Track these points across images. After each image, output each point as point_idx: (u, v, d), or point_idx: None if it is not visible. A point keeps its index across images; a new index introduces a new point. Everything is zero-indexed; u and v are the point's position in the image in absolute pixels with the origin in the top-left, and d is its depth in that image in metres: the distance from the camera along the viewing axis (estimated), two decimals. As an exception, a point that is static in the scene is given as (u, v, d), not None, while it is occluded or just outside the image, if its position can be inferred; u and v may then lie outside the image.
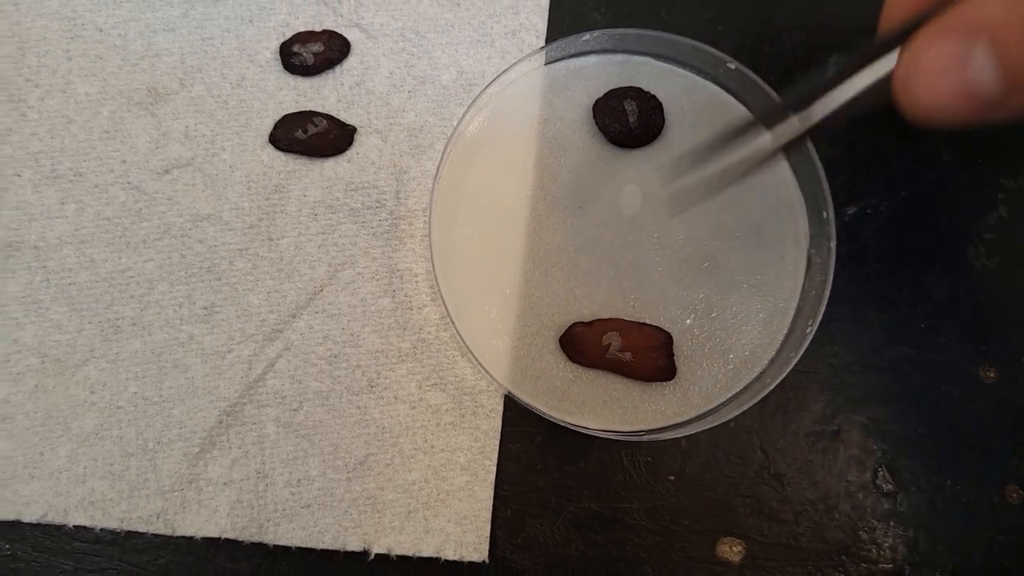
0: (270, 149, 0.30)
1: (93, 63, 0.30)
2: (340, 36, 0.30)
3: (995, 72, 0.18)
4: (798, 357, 0.30)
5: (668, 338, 0.30)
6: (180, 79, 0.30)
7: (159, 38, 0.30)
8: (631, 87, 0.31)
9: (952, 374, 0.31)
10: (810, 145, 0.30)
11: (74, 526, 0.28)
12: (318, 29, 0.31)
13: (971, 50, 0.18)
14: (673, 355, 0.30)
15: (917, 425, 0.31)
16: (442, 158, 0.30)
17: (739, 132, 0.25)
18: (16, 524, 0.28)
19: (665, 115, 0.32)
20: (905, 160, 0.33)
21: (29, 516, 0.28)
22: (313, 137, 0.30)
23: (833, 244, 0.30)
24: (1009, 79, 0.18)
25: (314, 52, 0.30)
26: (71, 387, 0.29)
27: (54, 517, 0.28)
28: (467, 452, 0.30)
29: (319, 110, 0.31)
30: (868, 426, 0.31)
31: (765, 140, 0.25)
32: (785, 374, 0.29)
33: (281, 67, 0.31)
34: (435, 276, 0.29)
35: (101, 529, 0.28)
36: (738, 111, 0.32)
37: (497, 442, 0.30)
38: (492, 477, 0.30)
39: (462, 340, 0.29)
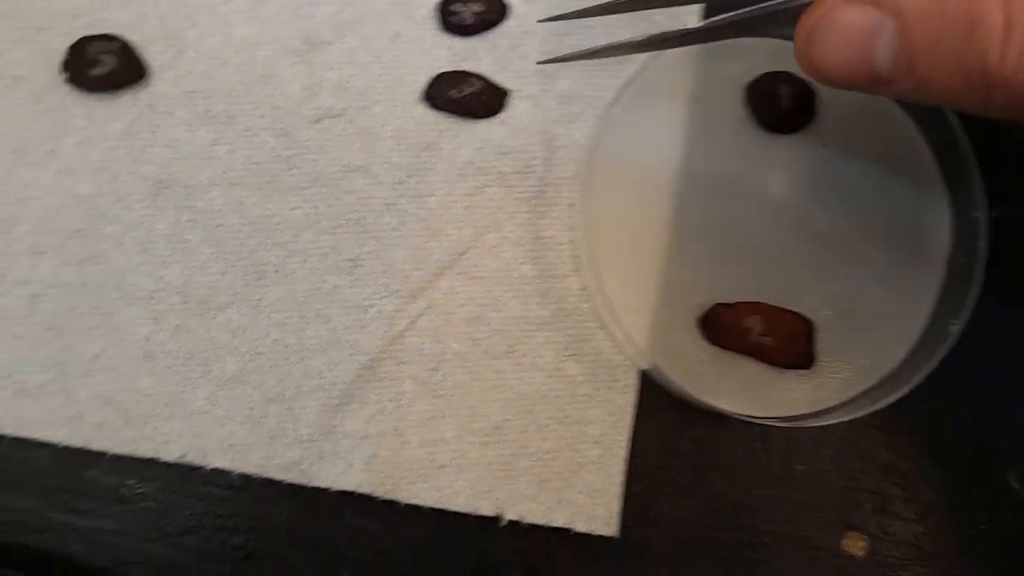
0: (422, 106, 0.30)
1: (252, 6, 0.30)
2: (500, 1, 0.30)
3: (894, 59, 0.19)
4: (939, 357, 0.29)
5: (810, 326, 0.30)
6: (336, 30, 0.30)
7: (319, -14, 0.30)
8: (786, 72, 0.31)
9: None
10: (963, 141, 0.30)
11: (211, 469, 0.28)
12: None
13: (880, 31, 0.19)
14: (814, 343, 0.30)
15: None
16: (593, 129, 0.30)
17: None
18: (153, 462, 0.28)
19: (817, 104, 0.31)
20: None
21: (169, 455, 0.28)
22: (467, 97, 0.30)
23: (982, 244, 0.30)
24: (903, 69, 0.19)
25: (474, 12, 0.30)
26: (212, 329, 0.29)
27: (194, 458, 0.28)
28: (601, 425, 0.29)
29: (474, 70, 0.30)
30: (1003, 429, 0.31)
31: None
32: (925, 373, 0.29)
33: (437, 25, 0.31)
34: (582, 246, 0.29)
35: (238, 474, 0.28)
36: (892, 110, 0.31)
37: (631, 418, 0.30)
38: (624, 452, 0.29)
39: (611, 309, 0.29)
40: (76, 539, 0.28)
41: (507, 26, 0.31)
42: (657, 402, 0.30)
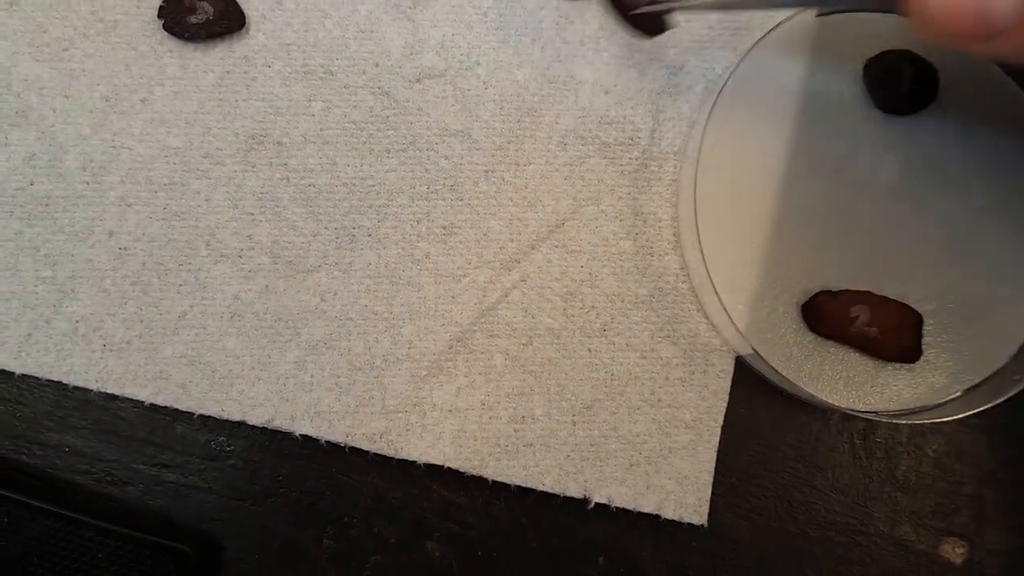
0: (527, 68, 0.29)
1: (356, -43, 0.29)
2: None
3: (1012, 9, 0.18)
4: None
5: (919, 318, 0.29)
6: (441, -15, 0.29)
7: (425, -60, 0.29)
8: (907, 51, 0.29)
9: None
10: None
11: (300, 435, 0.27)
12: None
13: None
14: (922, 337, 0.29)
15: None
16: (703, 103, 0.28)
17: None
18: (242, 424, 0.27)
19: (939, 86, 0.30)
20: None
21: (256, 419, 0.27)
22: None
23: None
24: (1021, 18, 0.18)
25: None
26: (301, 292, 0.28)
27: (281, 423, 0.27)
28: (693, 410, 0.28)
29: (579, 34, 0.29)
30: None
31: None
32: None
33: (544, -15, 0.29)
34: (685, 224, 0.28)
35: (326, 441, 0.27)
36: (1015, 92, 0.30)
37: (724, 404, 0.29)
38: (716, 439, 0.28)
39: (711, 291, 0.27)
40: (162, 493, 0.27)
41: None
42: (754, 390, 0.29)
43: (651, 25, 0.28)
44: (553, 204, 0.29)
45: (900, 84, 0.29)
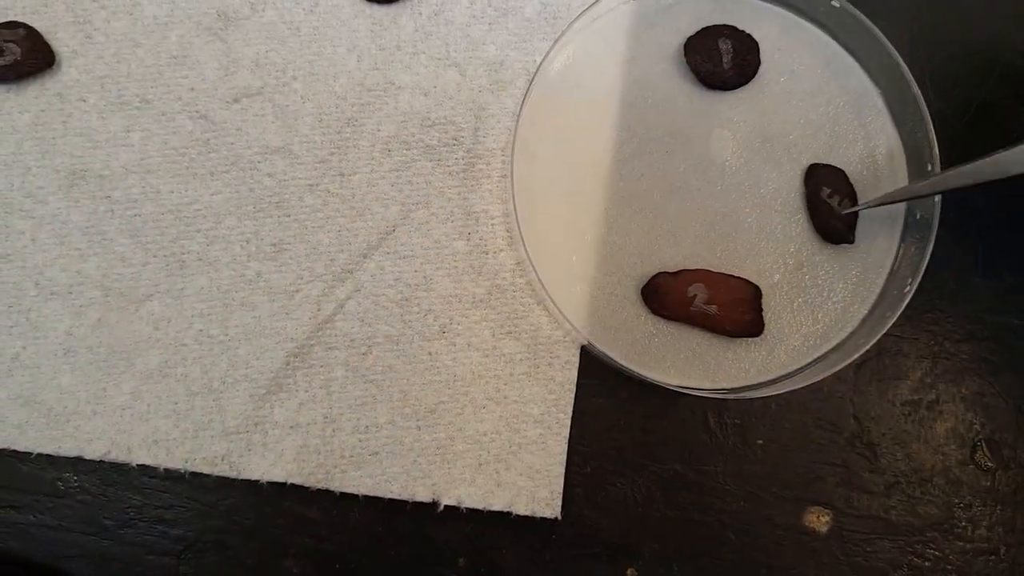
0: (344, 79, 0.29)
1: (162, -16, 0.29)
2: None
3: None
4: (894, 318, 0.28)
5: (757, 291, 0.28)
6: (251, 3, 0.29)
7: (230, -41, 0.29)
8: (726, 25, 0.30)
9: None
10: (915, 90, 0.28)
11: (138, 465, 0.27)
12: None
13: None
14: (761, 310, 0.28)
15: (1021, 399, 0.29)
16: (524, 96, 0.28)
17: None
18: (80, 459, 0.27)
19: (761, 56, 0.29)
20: (1018, 122, 0.31)
21: (92, 453, 0.27)
22: (389, 69, 0.29)
23: (937, 200, 0.28)
24: None
25: None
26: (135, 322, 0.28)
27: (117, 455, 0.27)
28: (541, 404, 0.28)
29: (394, 40, 0.29)
30: (968, 398, 0.29)
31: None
32: (879, 336, 0.28)
33: (356, -6, 0.29)
34: (515, 218, 0.28)
35: (165, 469, 0.27)
36: (838, 54, 0.30)
37: (572, 395, 0.29)
38: (566, 431, 0.28)
39: (541, 285, 0.27)
40: (13, 535, 0.27)
41: (428, -9, 0.29)
42: (603, 379, 0.29)
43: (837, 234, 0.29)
44: (382, 212, 0.29)
45: (721, 59, 0.29)
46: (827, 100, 0.30)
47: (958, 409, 0.29)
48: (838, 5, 0.29)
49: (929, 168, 0.28)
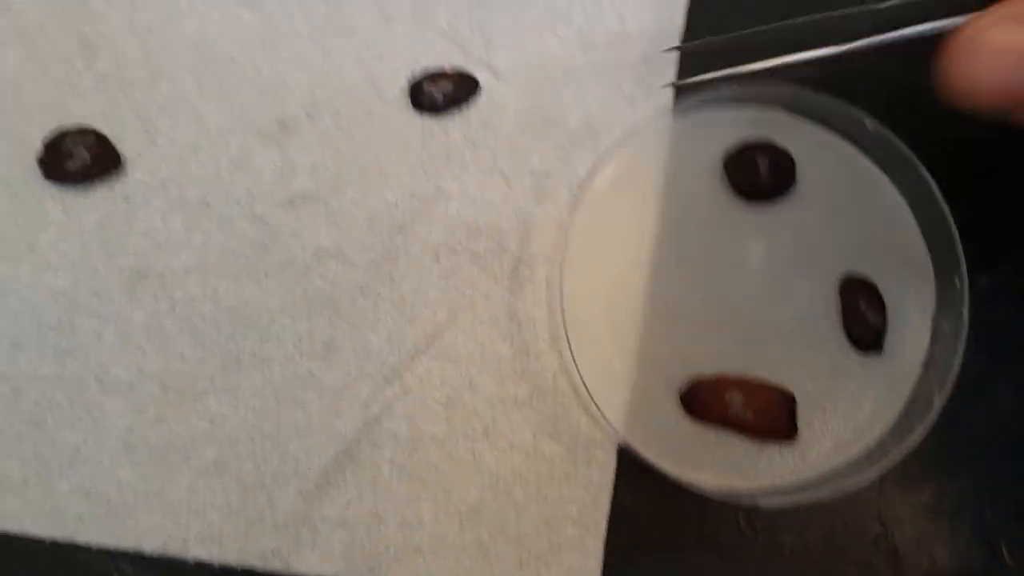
0: (395, 186, 0.30)
1: (224, 92, 0.30)
2: (471, 77, 0.30)
3: None
4: (925, 428, 0.29)
5: (791, 399, 0.30)
6: (308, 111, 0.30)
7: (290, 69, 0.30)
8: (764, 141, 0.31)
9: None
10: (943, 206, 0.29)
11: (194, 560, 0.28)
12: (447, 66, 0.31)
13: None
14: (796, 416, 0.30)
15: (1042, 503, 0.30)
16: (567, 205, 0.30)
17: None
18: (138, 553, 0.28)
19: (797, 172, 0.31)
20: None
21: (150, 546, 0.28)
22: (439, 177, 0.30)
23: (965, 312, 0.29)
24: None
25: (444, 92, 0.30)
26: (192, 418, 0.29)
27: (174, 549, 0.28)
28: (579, 504, 0.29)
29: (444, 149, 0.30)
30: (996, 505, 0.30)
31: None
32: (911, 444, 0.29)
33: (409, 104, 0.31)
34: (558, 323, 0.29)
35: (220, 564, 0.28)
36: (874, 173, 0.31)
37: (609, 495, 0.30)
38: (603, 530, 0.29)
39: (587, 385, 0.28)
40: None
41: (478, 103, 0.31)
42: (638, 479, 0.30)
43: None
44: (430, 315, 0.30)
45: (759, 173, 0.31)
46: (860, 213, 0.31)
47: (985, 515, 0.30)
48: (872, 127, 0.30)
49: (956, 282, 0.29)
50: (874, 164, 0.31)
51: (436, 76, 0.30)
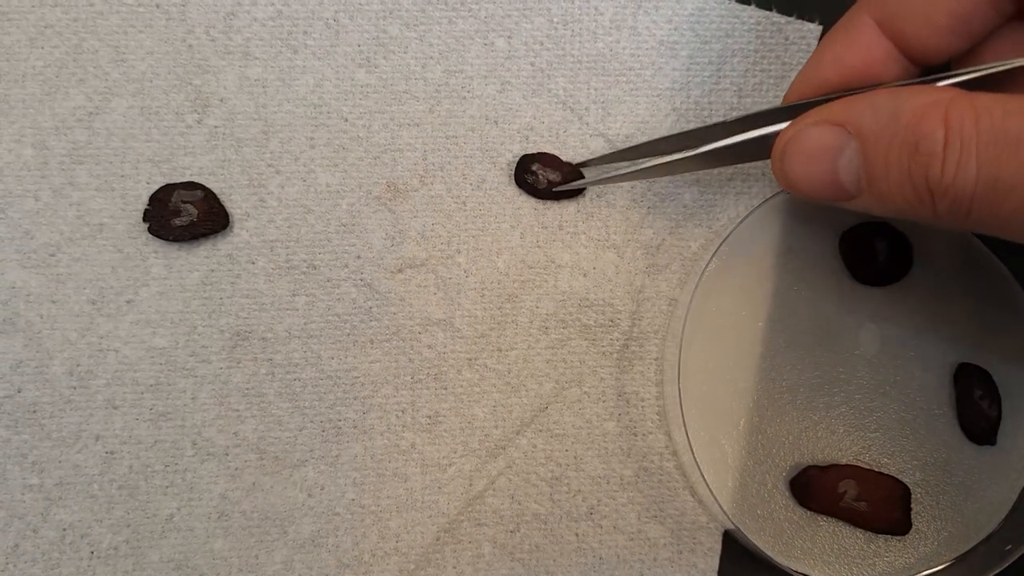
0: (506, 255, 0.29)
1: (336, 153, 0.29)
2: (577, 170, 0.29)
3: (856, 174, 0.21)
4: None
5: (906, 491, 0.29)
6: (420, 176, 0.30)
7: (403, 132, 0.30)
8: (881, 222, 0.30)
9: None
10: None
11: (287, 638, 0.27)
12: (562, 135, 0.30)
13: (844, 147, 0.21)
14: (910, 509, 0.29)
15: None
16: (681, 281, 0.29)
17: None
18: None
19: (914, 256, 0.30)
20: None
21: (241, 624, 0.27)
22: (551, 247, 0.29)
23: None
24: (864, 183, 0.21)
25: (549, 179, 0.29)
26: (289, 488, 0.28)
27: (269, 627, 0.27)
28: (683, 591, 0.28)
29: (556, 219, 0.30)
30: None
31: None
32: (1024, 545, 0.28)
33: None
34: (669, 402, 0.28)
35: (315, 643, 0.27)
36: (988, 259, 0.30)
37: (714, 583, 0.29)
38: (708, 620, 0.28)
39: (696, 468, 0.27)
40: None
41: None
42: (741, 566, 0.29)
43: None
44: (536, 388, 0.29)
45: (875, 256, 0.30)
46: (975, 300, 0.30)
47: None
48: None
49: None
50: (988, 249, 0.31)
51: (549, 161, 0.30)
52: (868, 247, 0.30)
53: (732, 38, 0.31)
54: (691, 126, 0.31)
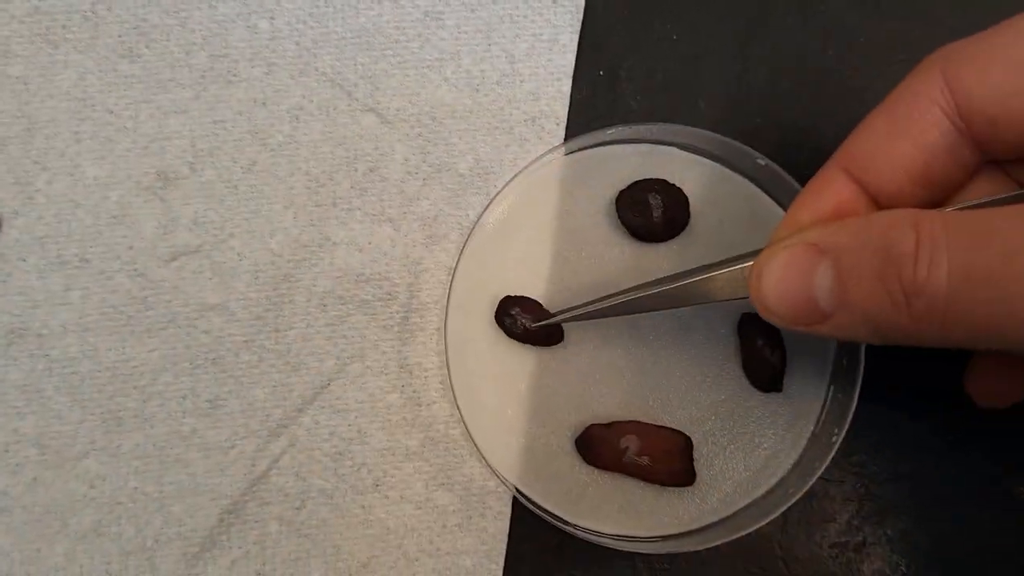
0: (280, 236, 0.29)
1: (102, 145, 0.29)
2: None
3: (830, 288, 0.21)
4: (823, 467, 0.28)
5: (687, 442, 0.29)
6: (190, 163, 0.30)
7: (170, 120, 0.30)
8: (656, 179, 0.30)
9: (983, 488, 0.30)
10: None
11: (70, 628, 0.27)
12: (332, 112, 0.30)
13: (816, 266, 0.22)
14: (693, 459, 0.29)
15: (944, 539, 0.30)
16: (458, 250, 0.29)
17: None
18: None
19: (691, 209, 0.30)
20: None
21: (25, 617, 0.27)
22: (324, 225, 0.29)
23: (862, 349, 0.29)
24: (839, 299, 0.21)
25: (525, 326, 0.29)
26: (70, 481, 0.28)
27: (50, 619, 0.27)
28: (473, 555, 0.29)
29: (330, 196, 0.30)
30: (894, 539, 0.30)
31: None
32: (810, 484, 0.28)
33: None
34: (448, 371, 0.28)
35: (96, 633, 0.27)
36: (767, 207, 0.30)
37: (504, 545, 0.29)
38: (499, 583, 0.28)
39: (471, 438, 0.28)
40: None
41: (363, 148, 0.30)
42: (535, 528, 0.30)
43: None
44: (317, 366, 0.29)
45: (651, 212, 0.30)
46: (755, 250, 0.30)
47: (884, 551, 0.30)
48: (764, 163, 0.29)
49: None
50: (769, 198, 0.31)
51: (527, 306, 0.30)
52: (643, 203, 0.30)
53: (498, 4, 0.30)
54: (468, 100, 0.31)
